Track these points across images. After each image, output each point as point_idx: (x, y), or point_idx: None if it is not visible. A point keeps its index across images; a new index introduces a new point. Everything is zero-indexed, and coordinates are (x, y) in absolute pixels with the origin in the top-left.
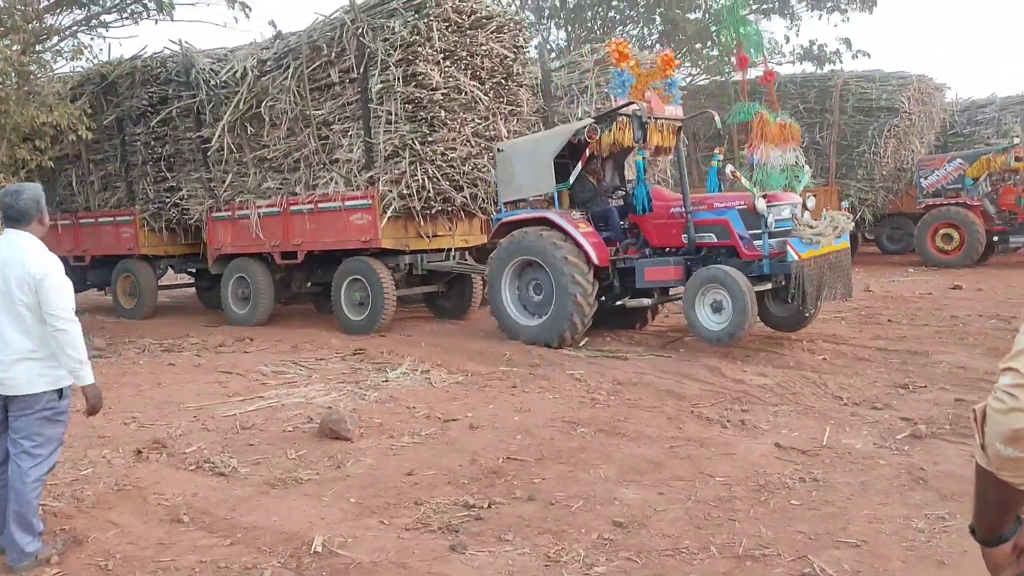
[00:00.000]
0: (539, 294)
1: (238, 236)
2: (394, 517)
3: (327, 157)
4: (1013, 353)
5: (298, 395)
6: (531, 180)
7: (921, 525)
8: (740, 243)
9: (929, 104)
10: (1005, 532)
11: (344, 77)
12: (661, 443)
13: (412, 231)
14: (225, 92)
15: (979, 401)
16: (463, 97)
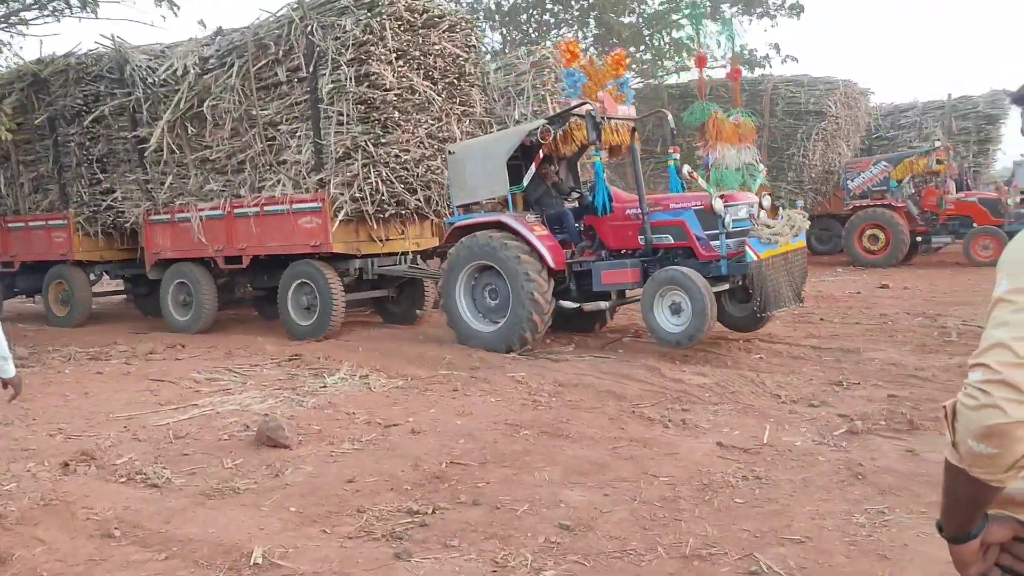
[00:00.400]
0: (495, 299)
1: (178, 240)
2: (336, 525)
3: (274, 158)
4: (982, 349)
5: (233, 402)
6: (484, 182)
7: (862, 520)
8: (697, 244)
9: (855, 108)
10: (973, 529)
11: (292, 76)
12: (604, 444)
13: (363, 234)
14: (164, 91)
15: (910, 397)
16: (416, 98)
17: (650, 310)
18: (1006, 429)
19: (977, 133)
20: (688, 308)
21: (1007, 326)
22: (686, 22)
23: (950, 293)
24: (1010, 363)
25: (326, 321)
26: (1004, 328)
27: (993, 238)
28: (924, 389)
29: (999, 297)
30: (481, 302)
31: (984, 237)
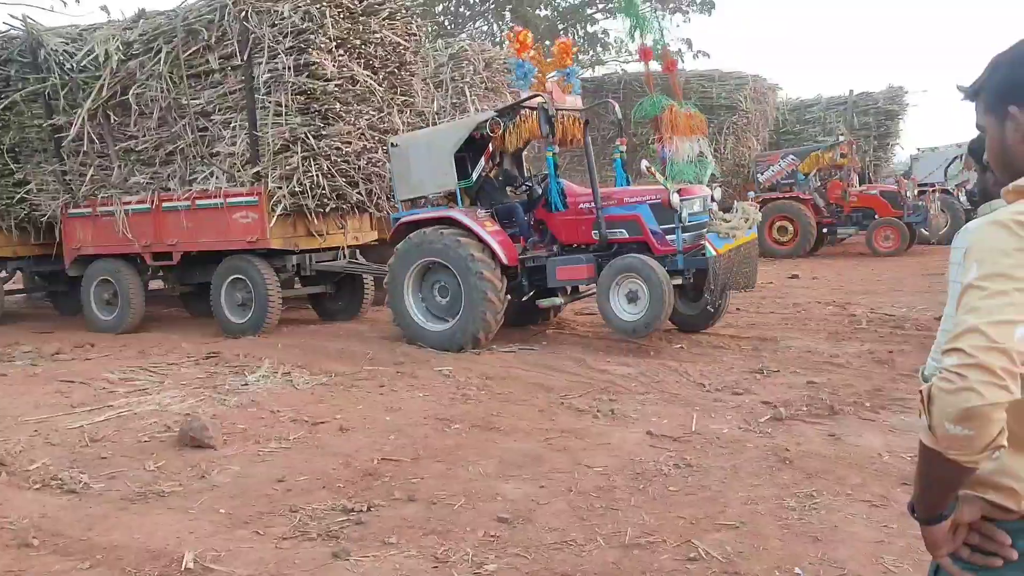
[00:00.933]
0: (445, 297)
1: (101, 235)
2: (269, 526)
3: (206, 150)
4: (955, 334)
5: (151, 403)
6: (430, 176)
7: (792, 504)
8: (652, 238)
9: (763, 103)
10: (945, 510)
11: (225, 64)
12: (536, 436)
13: (301, 229)
14: (83, 77)
15: (828, 383)
16: (358, 88)
17: (606, 298)
18: (982, 411)
19: (877, 128)
20: (645, 296)
21: (978, 311)
22: (600, 16)
23: (856, 282)
24: (984, 347)
25: (262, 318)
26: (975, 313)
27: (894, 229)
28: (840, 375)
29: (969, 283)
30: (430, 300)
31: (885, 228)
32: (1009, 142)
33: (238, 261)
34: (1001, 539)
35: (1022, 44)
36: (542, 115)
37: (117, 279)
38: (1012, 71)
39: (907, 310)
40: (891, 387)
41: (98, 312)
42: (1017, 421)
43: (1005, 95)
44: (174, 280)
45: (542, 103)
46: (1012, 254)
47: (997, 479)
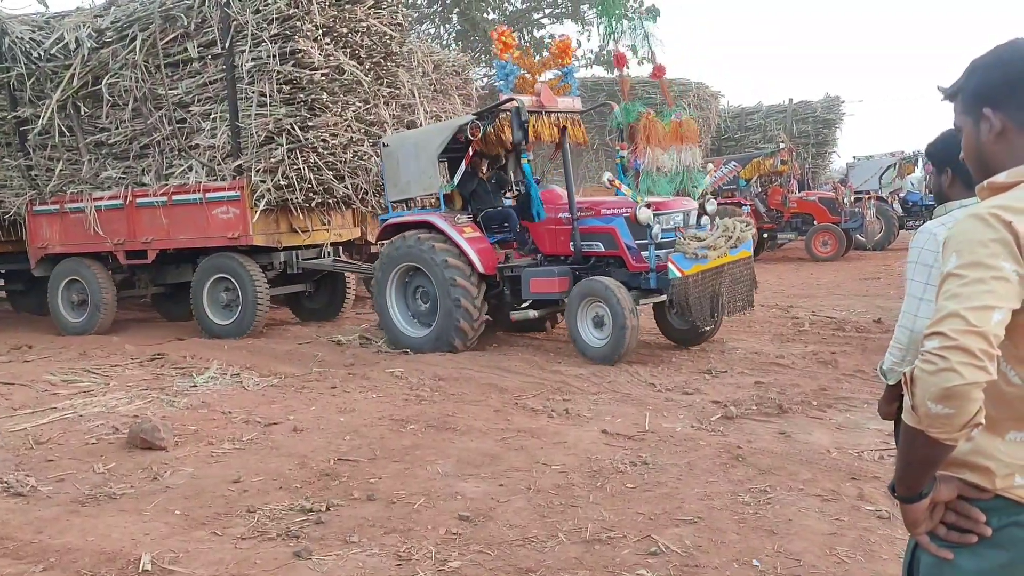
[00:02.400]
0: (426, 302)
1: (69, 233)
2: (227, 527)
3: (184, 143)
4: (936, 319)
5: (97, 404)
6: (416, 178)
7: (747, 499)
8: (628, 253)
9: (706, 110)
10: (924, 489)
11: (205, 53)
12: (493, 436)
13: (284, 225)
14: (52, 66)
15: (775, 383)
16: (344, 78)
17: (574, 321)
18: (963, 390)
19: (815, 136)
20: (610, 322)
21: (958, 298)
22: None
23: (797, 286)
24: (963, 330)
25: (249, 319)
26: (955, 299)
27: (831, 235)
28: (787, 375)
29: (949, 272)
30: (413, 305)
31: (824, 234)
32: (983, 142)
33: (223, 259)
34: (976, 517)
35: (999, 49)
36: (514, 120)
37: (87, 279)
38: (987, 75)
39: (847, 313)
40: (836, 387)
41: (66, 314)
42: (991, 403)
43: (980, 97)
44: (147, 280)
45: (516, 106)
46: (988, 244)
47: (972, 459)
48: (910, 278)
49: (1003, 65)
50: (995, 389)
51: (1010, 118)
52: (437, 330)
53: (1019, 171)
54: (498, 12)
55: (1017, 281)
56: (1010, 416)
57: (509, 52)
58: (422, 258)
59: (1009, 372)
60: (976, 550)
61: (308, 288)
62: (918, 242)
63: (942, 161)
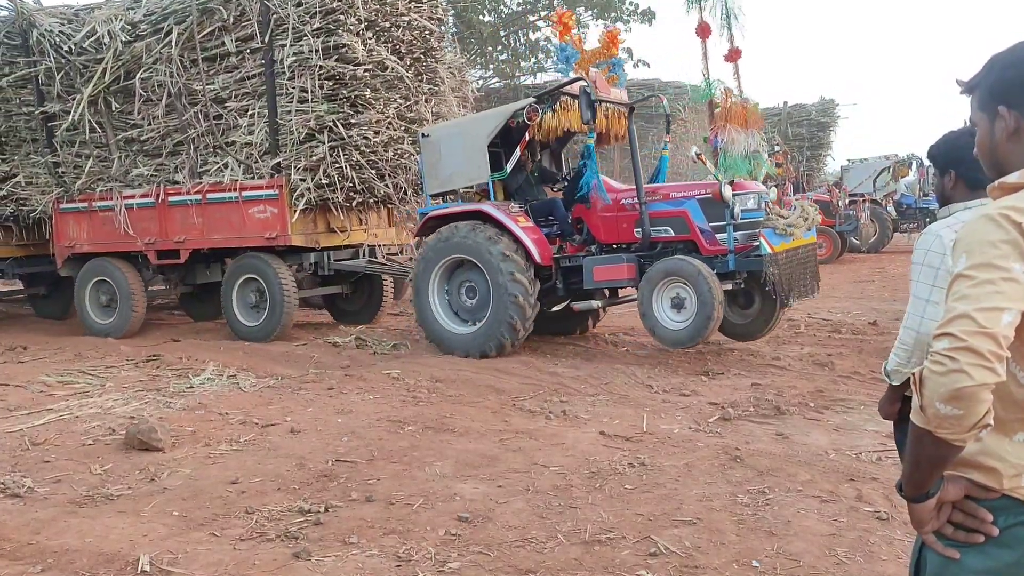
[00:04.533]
0: (472, 298)
1: (98, 232)
2: (225, 528)
3: (220, 139)
4: (946, 320)
5: (93, 405)
6: (462, 169)
7: (746, 500)
8: (701, 237)
9: (701, 112)
10: (931, 489)
11: (243, 47)
12: (491, 437)
13: (322, 225)
14: (82, 60)
15: (772, 384)
16: (387, 73)
17: (649, 304)
18: (972, 391)
19: (810, 139)
20: (693, 302)
21: (967, 299)
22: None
23: None
24: (973, 331)
25: (276, 321)
26: (965, 301)
27: (826, 237)
28: (783, 377)
29: (959, 273)
30: (456, 300)
31: (819, 236)
32: (998, 140)
33: (251, 260)
34: (983, 516)
35: (1018, 46)
36: (584, 99)
37: (116, 279)
38: (1005, 72)
39: (842, 315)
40: (832, 388)
41: (94, 316)
42: (999, 404)
43: (997, 95)
44: (177, 280)
45: (584, 87)
46: (999, 245)
47: (979, 459)
48: (915, 279)
49: (1020, 64)
50: (1003, 390)
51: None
52: (487, 327)
53: None
54: (494, 14)
55: None
56: (1018, 417)
57: (569, 34)
58: (475, 250)
59: (1018, 373)
60: (983, 549)
61: (345, 290)
62: (923, 243)
63: (945, 163)
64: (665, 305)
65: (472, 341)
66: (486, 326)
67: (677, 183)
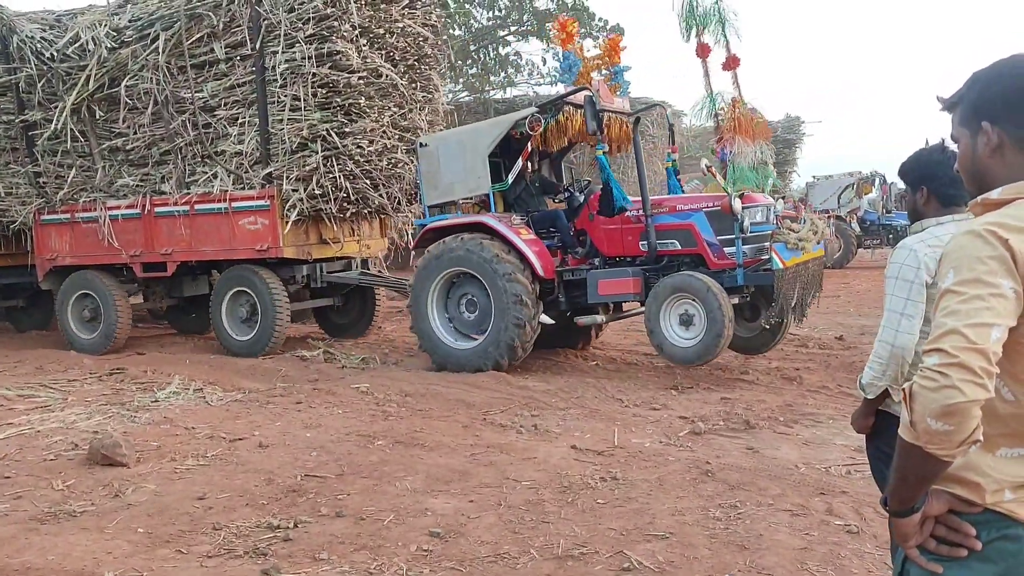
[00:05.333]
0: (472, 311)
1: (81, 244)
2: (192, 545)
3: (209, 149)
4: (936, 336)
5: (55, 420)
6: (461, 179)
7: (718, 514)
8: (708, 250)
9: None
10: (916, 504)
11: (233, 54)
12: (462, 452)
13: (314, 237)
14: (65, 67)
15: (741, 398)
16: (382, 81)
17: (656, 321)
18: (964, 407)
19: (776, 156)
20: (702, 319)
21: (957, 314)
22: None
23: None
24: (964, 347)
25: (268, 335)
26: (955, 316)
27: None
28: (752, 391)
29: (947, 288)
30: (456, 315)
31: None
32: (980, 156)
33: (242, 272)
34: (966, 531)
35: (1000, 63)
36: (589, 110)
37: (100, 293)
38: (987, 89)
39: (809, 330)
40: (801, 402)
41: (77, 331)
42: (984, 419)
43: (979, 111)
44: (163, 293)
45: (590, 96)
46: (986, 261)
47: (963, 474)
48: (890, 293)
49: (1003, 80)
50: (988, 405)
51: (1007, 134)
52: (489, 341)
53: (1013, 188)
54: (464, 28)
55: (1014, 298)
56: (1002, 432)
57: (571, 44)
58: (475, 263)
59: (1003, 389)
60: (966, 563)
61: (336, 302)
62: (898, 258)
63: (916, 180)
64: (673, 322)
65: (475, 355)
66: (487, 341)
67: (683, 195)
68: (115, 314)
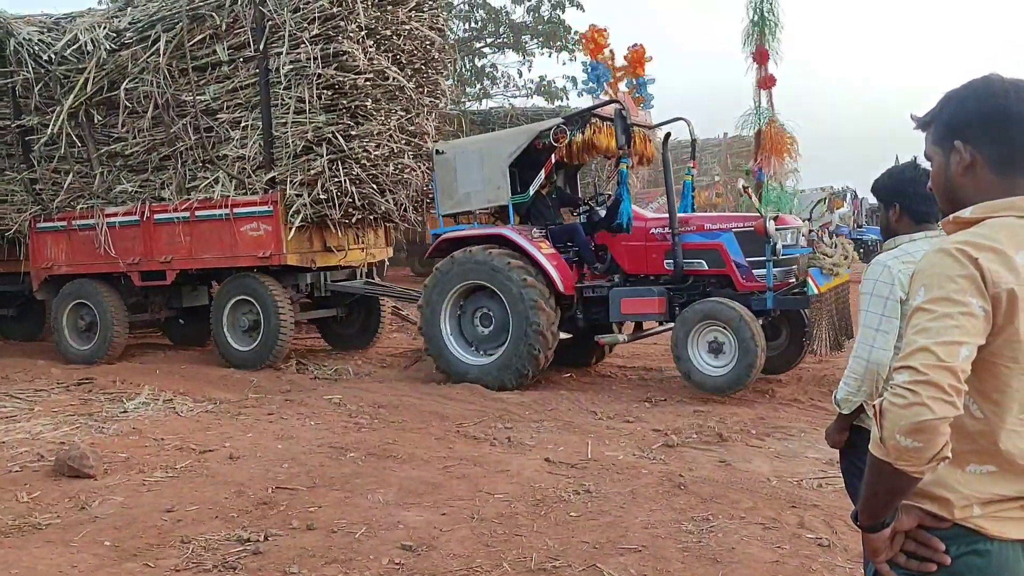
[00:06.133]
0: (487, 326)
1: (77, 252)
2: (160, 558)
3: (211, 153)
4: (906, 353)
5: (21, 430)
6: (480, 189)
7: (690, 527)
8: (737, 272)
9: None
10: (887, 519)
11: (236, 55)
12: (435, 464)
13: (318, 244)
14: (63, 70)
15: (714, 411)
16: (389, 84)
17: (683, 347)
18: (933, 424)
19: None
20: (733, 348)
21: (928, 332)
22: (488, 51)
23: None
24: (934, 365)
25: (272, 345)
26: (925, 334)
27: None
28: (725, 404)
29: (918, 306)
30: (469, 329)
31: None
32: (952, 174)
33: (244, 280)
34: (936, 546)
35: (973, 83)
36: (619, 123)
37: (96, 302)
38: (960, 108)
39: None
40: (773, 416)
41: (72, 341)
42: (953, 435)
43: (952, 130)
44: (161, 303)
45: (620, 109)
46: (957, 280)
47: (932, 490)
48: (865, 309)
49: (976, 100)
50: (957, 422)
51: (980, 152)
52: (506, 357)
53: (984, 207)
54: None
55: (983, 317)
56: (971, 449)
57: (601, 53)
58: (493, 276)
59: (972, 406)
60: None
61: (340, 312)
62: (872, 274)
63: (889, 196)
64: (702, 349)
65: (490, 372)
66: (505, 356)
67: (712, 214)
68: (111, 324)
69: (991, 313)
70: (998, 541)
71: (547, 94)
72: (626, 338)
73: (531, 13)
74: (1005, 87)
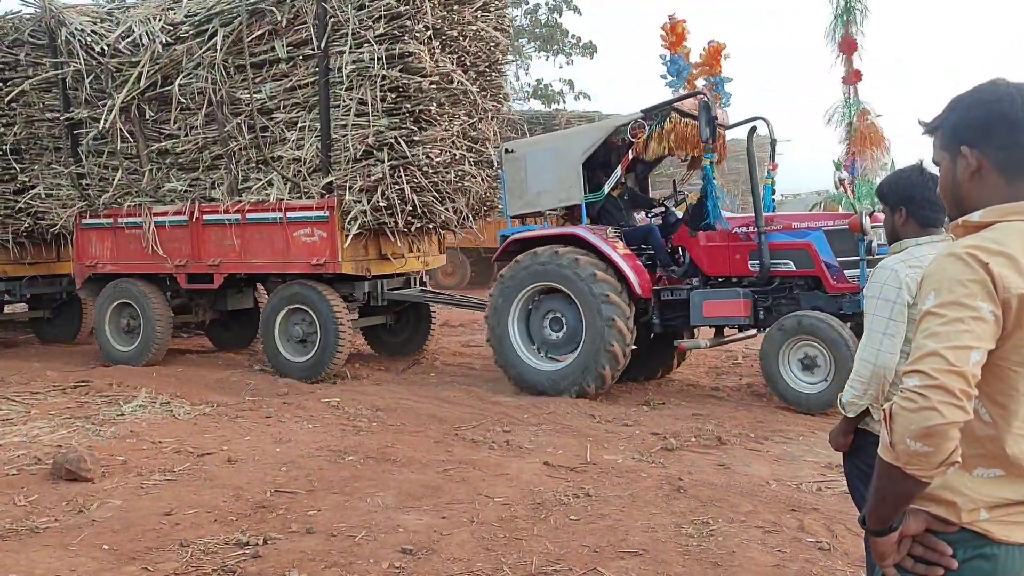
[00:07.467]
0: (558, 330)
1: (123, 251)
2: (159, 562)
3: (265, 154)
4: (916, 357)
5: (18, 433)
6: (552, 188)
7: (690, 531)
8: (827, 272)
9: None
10: (895, 523)
11: (295, 53)
12: (434, 467)
13: (373, 251)
14: (116, 62)
15: (713, 415)
16: (453, 87)
17: (774, 361)
18: (942, 429)
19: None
20: (828, 366)
21: (938, 336)
22: None
23: None
24: (944, 369)
25: (328, 357)
26: (935, 338)
27: None
28: (723, 407)
29: (928, 310)
30: (538, 334)
31: None
32: (960, 179)
33: (299, 289)
34: (943, 550)
35: (980, 88)
36: (703, 115)
37: (141, 303)
38: (967, 113)
39: None
40: (772, 419)
41: (115, 342)
42: (961, 440)
43: (959, 135)
44: (206, 306)
45: (705, 102)
46: (967, 284)
47: (939, 493)
48: (871, 313)
49: (982, 105)
50: (966, 426)
51: (987, 157)
52: (581, 361)
53: (993, 211)
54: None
55: (993, 321)
56: (979, 453)
57: (681, 45)
58: (567, 278)
59: (981, 410)
60: None
61: (389, 320)
62: (879, 278)
63: (895, 201)
64: (793, 363)
65: (565, 377)
66: (575, 364)
67: (800, 213)
68: (155, 325)
69: (1001, 317)
70: (1005, 545)
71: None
72: (707, 343)
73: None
74: (1011, 92)
